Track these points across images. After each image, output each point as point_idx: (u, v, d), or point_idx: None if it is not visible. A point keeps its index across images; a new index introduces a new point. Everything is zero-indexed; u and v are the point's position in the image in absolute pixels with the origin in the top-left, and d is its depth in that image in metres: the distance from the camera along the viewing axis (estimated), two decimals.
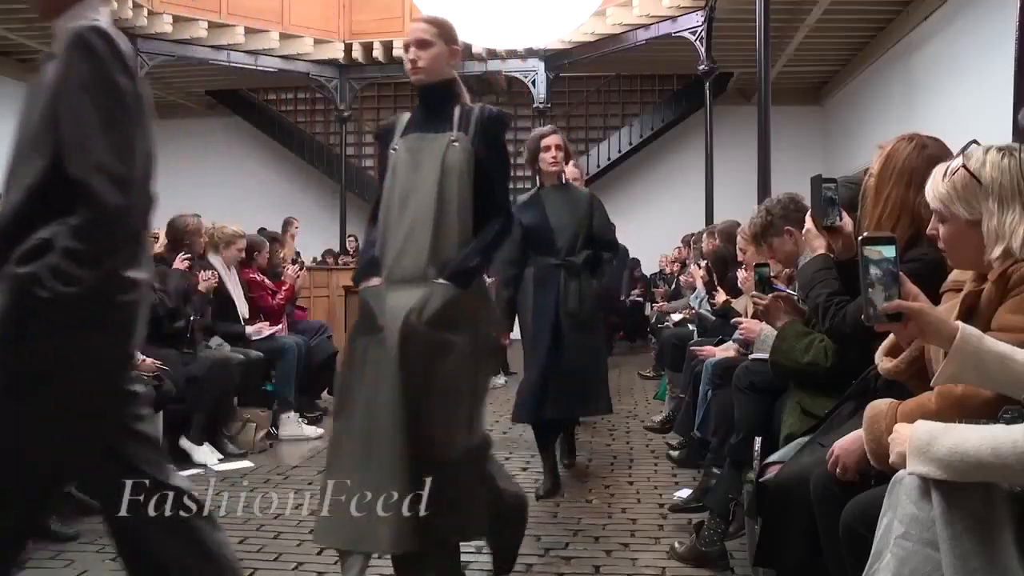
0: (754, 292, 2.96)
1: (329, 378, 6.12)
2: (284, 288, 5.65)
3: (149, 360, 4.11)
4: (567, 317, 3.96)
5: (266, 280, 5.64)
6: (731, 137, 10.35)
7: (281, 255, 6.30)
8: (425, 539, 2.21)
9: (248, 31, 10.21)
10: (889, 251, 1.55)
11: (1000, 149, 1.64)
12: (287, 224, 8.23)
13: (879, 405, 1.73)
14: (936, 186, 1.68)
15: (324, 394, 6.05)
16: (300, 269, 6.02)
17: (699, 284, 5.68)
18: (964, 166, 1.63)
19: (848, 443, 1.76)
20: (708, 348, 4.06)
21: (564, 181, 4.17)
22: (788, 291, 2.88)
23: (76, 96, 1.61)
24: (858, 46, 9.98)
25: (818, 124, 12.27)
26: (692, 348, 4.44)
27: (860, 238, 1.58)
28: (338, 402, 2.49)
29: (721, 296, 4.57)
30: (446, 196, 2.40)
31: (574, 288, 3.98)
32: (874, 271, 1.54)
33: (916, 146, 2.15)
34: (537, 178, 4.20)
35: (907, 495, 1.43)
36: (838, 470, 1.77)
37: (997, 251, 1.59)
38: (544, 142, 4.03)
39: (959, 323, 1.51)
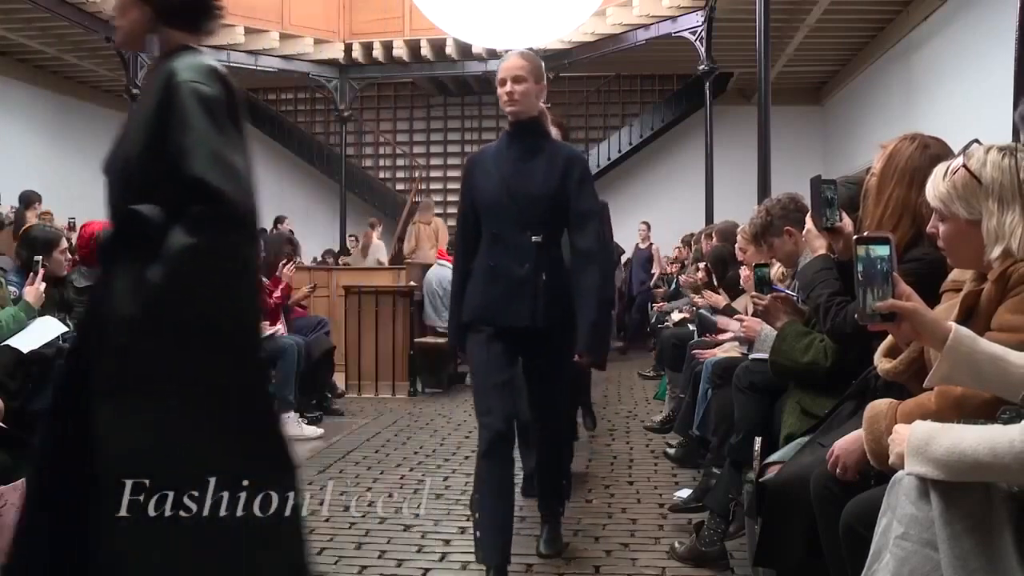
0: (754, 292, 2.96)
1: (329, 373, 6.14)
2: (281, 286, 5.65)
3: None
4: None
5: (262, 279, 5.64)
6: (731, 137, 10.35)
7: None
8: None
9: (248, 31, 10.21)
10: (883, 251, 1.55)
11: (1001, 149, 1.64)
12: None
13: (879, 405, 1.73)
14: (936, 185, 1.68)
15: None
16: (294, 265, 6.01)
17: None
18: (964, 166, 1.63)
19: (848, 443, 1.76)
20: (708, 350, 4.06)
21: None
22: (787, 291, 2.88)
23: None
24: (858, 46, 9.99)
25: (818, 124, 12.27)
26: (693, 352, 4.44)
27: (855, 238, 1.59)
28: None
29: (720, 299, 4.57)
30: None
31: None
32: (868, 271, 1.55)
33: (918, 146, 2.15)
34: None
35: (906, 495, 1.42)
36: (838, 470, 1.77)
37: (997, 251, 1.59)
38: None
39: (952, 323, 1.52)
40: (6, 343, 3.26)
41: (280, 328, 5.47)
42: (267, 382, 1.63)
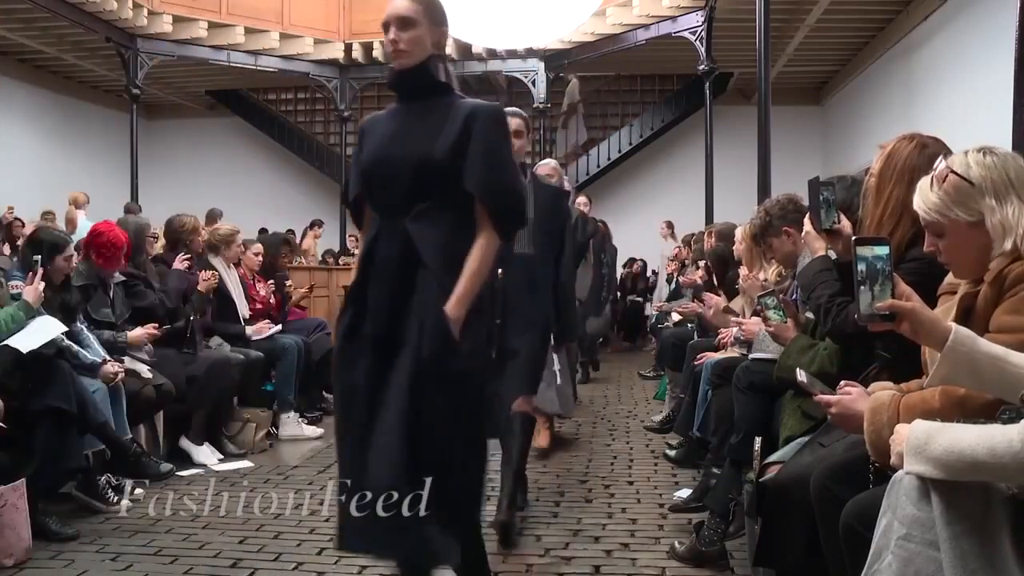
0: (765, 324, 2.96)
1: (328, 376, 6.10)
2: (259, 296, 5.54)
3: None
4: None
5: (257, 287, 5.57)
6: (731, 137, 10.35)
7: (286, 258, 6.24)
8: None
9: (248, 31, 10.22)
10: (882, 251, 1.55)
11: (978, 150, 1.66)
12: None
13: (882, 397, 1.72)
14: (927, 198, 1.68)
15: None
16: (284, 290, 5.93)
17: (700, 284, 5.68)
18: (952, 171, 1.64)
19: (852, 407, 1.77)
20: (707, 354, 4.05)
21: None
22: (785, 297, 2.89)
23: None
24: (858, 46, 9.99)
25: (818, 124, 12.27)
26: (693, 356, 4.43)
27: (854, 239, 1.59)
28: None
29: (720, 301, 4.56)
30: None
31: None
32: (867, 271, 1.55)
33: (917, 145, 2.15)
34: None
35: (907, 496, 1.42)
36: (827, 408, 1.80)
37: (1008, 244, 1.60)
38: None
39: (952, 324, 1.51)
40: (5, 343, 3.26)
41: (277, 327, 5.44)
42: None
